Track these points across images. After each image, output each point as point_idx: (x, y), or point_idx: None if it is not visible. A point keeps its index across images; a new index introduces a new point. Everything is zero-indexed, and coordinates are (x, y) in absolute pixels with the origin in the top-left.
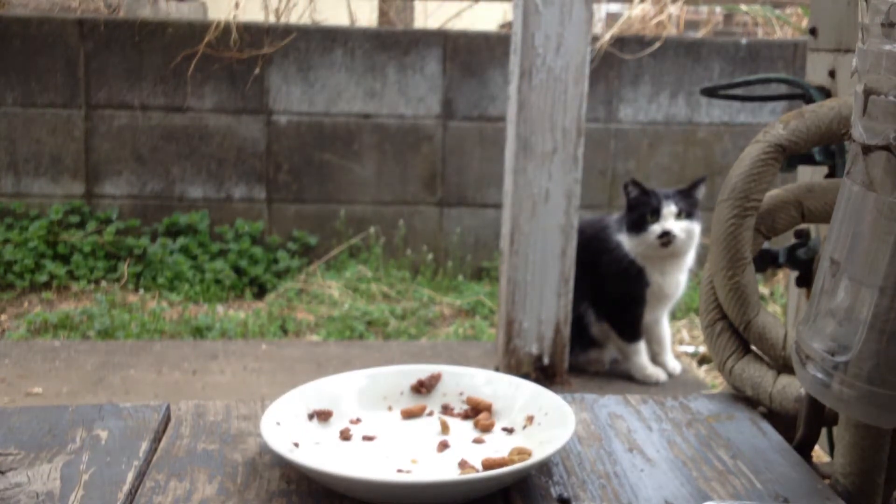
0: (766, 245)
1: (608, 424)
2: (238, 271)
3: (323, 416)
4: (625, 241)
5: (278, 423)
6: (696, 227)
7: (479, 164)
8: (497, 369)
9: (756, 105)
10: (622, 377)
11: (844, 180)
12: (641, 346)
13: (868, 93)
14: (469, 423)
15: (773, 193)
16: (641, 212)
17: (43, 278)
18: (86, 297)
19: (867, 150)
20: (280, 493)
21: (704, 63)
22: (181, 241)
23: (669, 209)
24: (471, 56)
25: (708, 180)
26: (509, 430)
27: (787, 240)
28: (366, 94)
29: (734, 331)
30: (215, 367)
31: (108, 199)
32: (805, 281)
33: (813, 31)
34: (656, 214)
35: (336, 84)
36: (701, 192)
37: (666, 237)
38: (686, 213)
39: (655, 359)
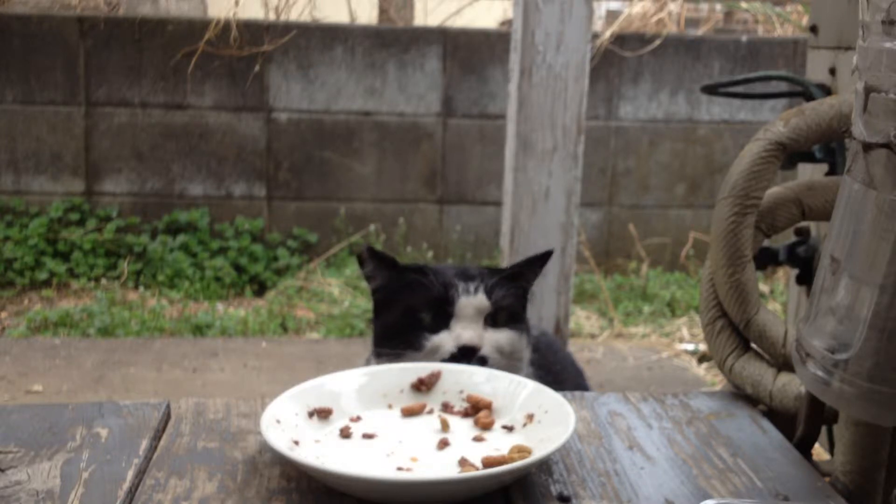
0: (766, 243)
1: (608, 422)
2: (238, 269)
3: (323, 414)
4: None
5: (278, 421)
6: (523, 343)
7: (479, 162)
8: None
9: (756, 103)
10: None
11: (845, 178)
12: None
13: (868, 90)
14: (469, 421)
15: (773, 191)
16: (409, 305)
17: (43, 276)
18: (86, 294)
19: (868, 147)
20: (280, 491)
21: (705, 61)
22: (181, 238)
23: (472, 301)
24: (471, 54)
25: (554, 254)
26: (509, 428)
27: (788, 237)
28: (366, 92)
29: (734, 328)
30: (215, 365)
31: (108, 197)
32: (805, 279)
33: (813, 29)
34: (443, 312)
35: (336, 82)
36: (534, 275)
37: (464, 359)
38: (509, 313)
39: None
